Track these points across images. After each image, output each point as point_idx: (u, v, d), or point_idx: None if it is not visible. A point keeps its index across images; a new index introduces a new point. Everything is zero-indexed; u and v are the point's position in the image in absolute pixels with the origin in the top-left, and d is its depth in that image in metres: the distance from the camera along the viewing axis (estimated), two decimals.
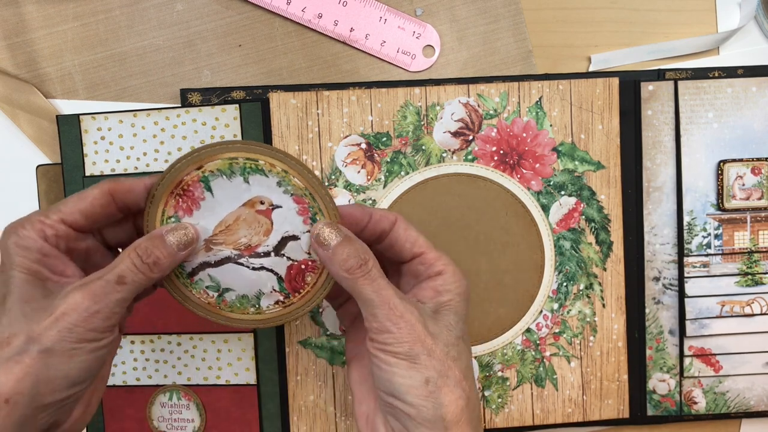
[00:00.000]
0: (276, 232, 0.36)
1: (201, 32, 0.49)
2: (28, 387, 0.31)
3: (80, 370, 0.32)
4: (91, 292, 0.32)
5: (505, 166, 0.48)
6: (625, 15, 0.51)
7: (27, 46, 0.49)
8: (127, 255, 0.33)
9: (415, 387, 0.33)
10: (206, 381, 0.49)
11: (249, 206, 0.36)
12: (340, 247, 0.34)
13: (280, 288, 0.37)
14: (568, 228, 0.49)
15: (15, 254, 0.33)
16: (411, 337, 0.33)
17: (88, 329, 0.32)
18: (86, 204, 0.34)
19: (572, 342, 0.49)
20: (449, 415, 0.33)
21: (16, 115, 0.49)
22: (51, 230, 0.34)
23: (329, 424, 0.49)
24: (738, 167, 0.49)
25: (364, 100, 0.48)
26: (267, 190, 0.36)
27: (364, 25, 0.49)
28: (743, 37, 0.51)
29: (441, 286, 0.36)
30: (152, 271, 0.33)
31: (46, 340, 0.31)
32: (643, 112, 0.49)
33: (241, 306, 0.37)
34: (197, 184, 0.36)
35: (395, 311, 0.34)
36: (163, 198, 0.36)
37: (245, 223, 0.36)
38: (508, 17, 0.50)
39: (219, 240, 0.36)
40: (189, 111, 0.47)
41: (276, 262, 0.37)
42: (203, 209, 0.36)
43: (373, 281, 0.34)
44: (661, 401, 0.50)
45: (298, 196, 0.36)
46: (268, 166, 0.35)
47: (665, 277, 0.50)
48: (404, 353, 0.33)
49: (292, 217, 0.36)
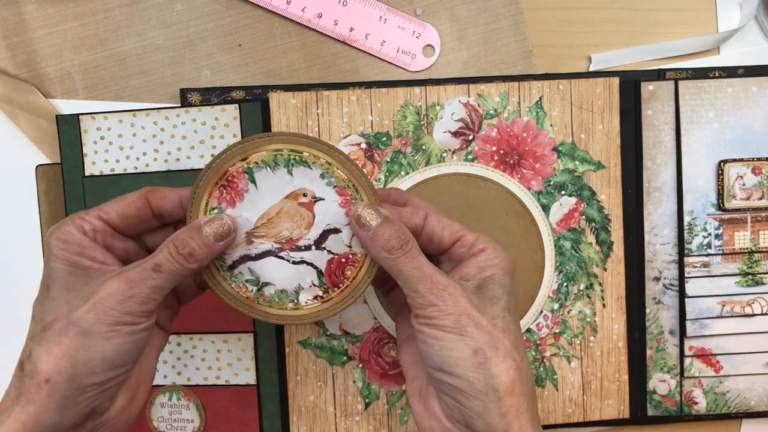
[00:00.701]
0: (317, 225, 0.36)
1: (201, 32, 0.49)
2: (67, 367, 0.32)
3: (117, 352, 0.33)
4: (128, 278, 0.33)
5: (506, 166, 0.48)
6: (625, 15, 0.51)
7: (27, 46, 0.49)
8: (165, 245, 0.34)
9: (464, 359, 0.33)
10: (206, 381, 0.49)
11: (292, 198, 0.36)
12: (381, 228, 0.35)
13: (319, 282, 0.37)
14: (568, 228, 0.49)
15: (56, 247, 0.34)
16: (456, 309, 0.33)
17: (124, 312, 0.33)
18: (123, 205, 0.36)
19: (572, 342, 0.49)
20: (502, 386, 0.33)
21: (15, 115, 0.49)
22: (89, 225, 0.35)
23: (329, 424, 0.49)
24: (738, 167, 0.49)
25: (364, 100, 0.48)
26: (310, 182, 0.36)
27: (364, 24, 0.49)
28: (743, 37, 0.51)
29: (483, 262, 0.36)
30: (188, 262, 0.34)
31: (84, 322, 0.32)
32: (643, 112, 0.49)
33: (279, 301, 0.37)
34: (242, 175, 0.36)
35: (438, 285, 0.34)
36: (208, 188, 0.36)
37: (287, 215, 0.36)
38: (508, 17, 0.50)
39: (260, 233, 0.36)
40: (189, 111, 0.47)
41: (317, 255, 0.37)
42: (246, 201, 0.36)
43: (413, 259, 0.34)
44: (661, 401, 0.50)
45: (342, 188, 0.36)
46: (312, 158, 0.36)
47: (666, 277, 0.49)
48: (451, 326, 0.33)
49: (335, 209, 0.36)
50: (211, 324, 0.48)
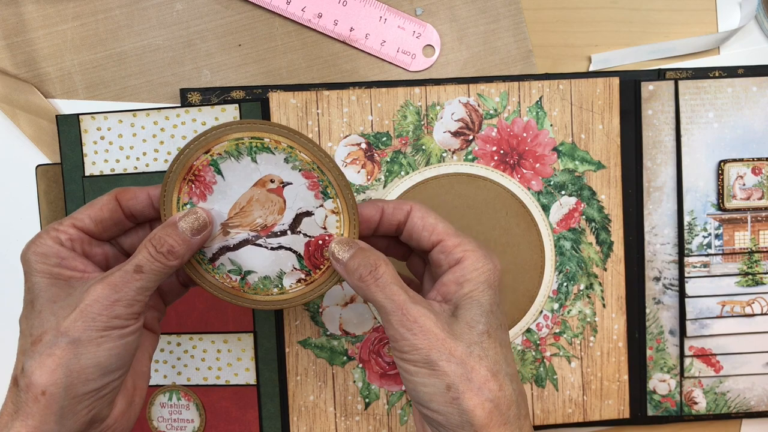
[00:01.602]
0: (290, 210, 0.36)
1: (201, 32, 0.49)
2: (61, 377, 0.32)
3: (110, 357, 0.33)
4: (111, 283, 0.33)
5: (506, 166, 0.48)
6: (625, 15, 0.51)
7: (27, 46, 0.49)
8: (144, 245, 0.34)
9: (438, 394, 0.33)
10: (206, 381, 0.49)
11: (260, 186, 0.36)
12: (352, 258, 0.35)
13: (300, 266, 0.37)
14: (568, 228, 0.49)
15: (35, 262, 0.34)
16: (426, 342, 0.32)
17: (112, 317, 0.33)
18: (95, 209, 0.36)
19: (572, 342, 0.49)
20: (477, 420, 0.32)
21: (15, 115, 0.49)
22: (64, 235, 0.35)
23: (329, 424, 0.49)
24: (738, 167, 0.49)
25: (364, 99, 0.48)
26: (276, 168, 0.36)
27: (364, 24, 0.49)
28: (744, 37, 0.51)
29: (461, 277, 0.35)
30: (168, 259, 0.34)
31: (74, 331, 0.32)
32: (643, 112, 0.49)
33: (264, 287, 0.37)
34: (207, 168, 0.36)
35: (408, 316, 0.33)
36: (177, 185, 0.36)
37: (258, 203, 0.36)
38: (508, 17, 0.50)
39: (235, 223, 0.36)
40: (189, 111, 0.47)
41: (293, 240, 0.37)
42: (216, 193, 0.36)
43: (384, 287, 0.33)
44: (661, 401, 0.50)
45: (307, 170, 0.36)
46: (274, 143, 0.35)
47: (666, 277, 0.49)
48: (422, 361, 0.33)
49: (304, 192, 0.36)
50: (211, 324, 0.48)
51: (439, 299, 0.35)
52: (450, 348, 0.33)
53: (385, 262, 0.34)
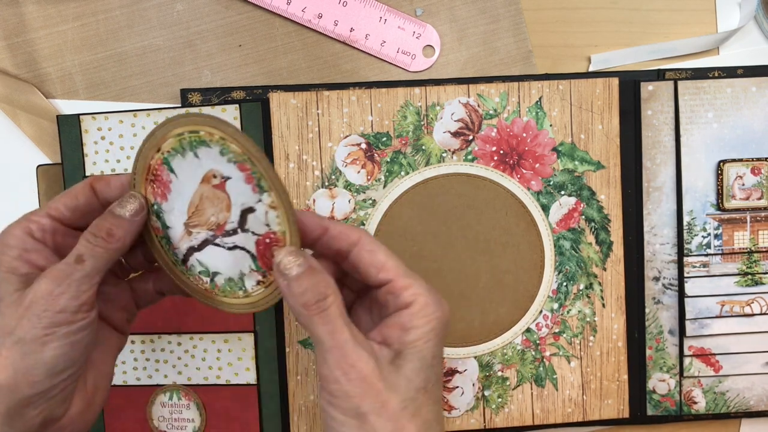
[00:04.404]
0: (235, 206, 0.33)
1: (201, 32, 0.49)
2: (6, 379, 0.31)
3: (56, 357, 0.32)
4: (54, 276, 0.32)
5: (505, 166, 0.48)
6: (625, 15, 0.51)
7: (27, 46, 0.49)
8: (83, 236, 0.33)
9: None
10: (206, 381, 0.49)
11: (206, 182, 0.34)
12: (299, 279, 0.31)
13: (256, 267, 0.34)
14: (568, 228, 0.49)
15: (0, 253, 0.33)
16: (360, 390, 0.30)
17: (57, 311, 0.32)
18: (70, 197, 0.35)
19: (572, 342, 0.49)
20: None
21: (16, 115, 0.49)
22: (35, 225, 0.34)
23: None
24: (738, 167, 0.49)
25: (364, 100, 0.48)
26: (215, 162, 0.33)
27: (364, 25, 0.49)
28: (743, 37, 0.51)
29: (408, 323, 0.32)
30: (108, 242, 0.33)
31: (19, 330, 0.31)
32: (643, 112, 0.49)
33: (231, 290, 0.35)
34: (162, 167, 0.34)
35: (347, 359, 0.30)
36: (141, 186, 0.35)
37: (208, 200, 0.34)
38: (508, 17, 0.50)
39: (194, 222, 0.35)
40: (189, 111, 0.47)
41: (244, 238, 0.34)
42: (174, 192, 0.34)
43: (328, 322, 0.31)
44: (661, 401, 0.50)
45: (240, 162, 0.32)
46: (208, 135, 0.32)
47: (665, 276, 0.50)
48: (352, 410, 0.30)
49: (242, 186, 0.33)
50: (212, 324, 0.49)
51: (379, 340, 0.33)
52: (383, 400, 0.31)
53: (335, 292, 0.32)
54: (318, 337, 0.31)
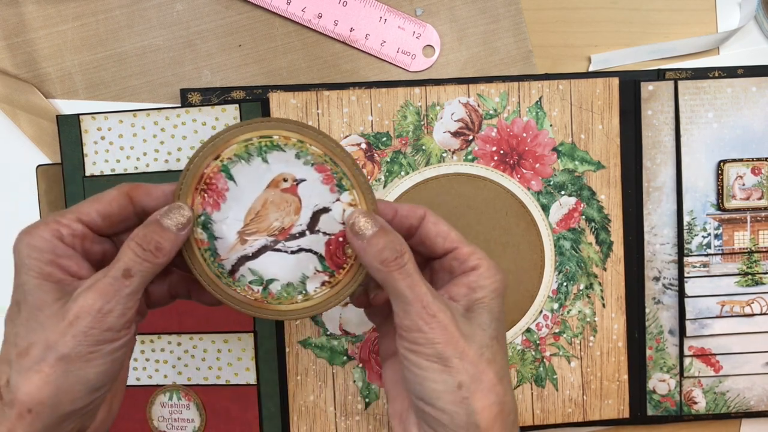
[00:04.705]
0: (306, 208, 0.34)
1: (201, 32, 0.49)
2: (50, 396, 0.30)
3: (98, 374, 0.31)
4: (101, 291, 0.31)
5: (505, 166, 0.48)
6: (625, 15, 0.51)
7: (27, 46, 0.49)
8: (128, 246, 0.32)
9: (447, 392, 0.32)
10: (206, 381, 0.49)
11: (273, 187, 0.34)
12: (375, 237, 0.33)
13: (323, 267, 0.35)
14: (568, 228, 0.49)
15: (27, 257, 0.31)
16: (443, 337, 0.32)
17: (104, 330, 0.31)
18: (103, 204, 0.33)
19: (572, 342, 0.49)
20: (483, 422, 0.32)
21: (16, 115, 0.49)
22: (66, 229, 0.32)
23: (329, 424, 0.49)
24: (738, 167, 0.49)
25: (364, 100, 0.48)
26: (287, 166, 0.34)
27: (364, 25, 0.49)
28: (743, 37, 0.51)
29: (474, 283, 0.34)
30: (156, 257, 0.32)
31: (63, 346, 0.30)
32: (643, 112, 0.49)
33: (288, 296, 0.35)
34: (219, 175, 0.34)
35: (428, 309, 0.32)
36: (189, 196, 0.34)
37: (273, 205, 0.34)
38: (508, 17, 0.50)
39: (252, 229, 0.35)
40: (189, 111, 0.47)
41: (313, 240, 0.35)
42: (230, 200, 0.34)
43: (407, 276, 0.32)
44: (661, 401, 0.50)
45: (319, 164, 0.34)
46: (283, 139, 0.34)
47: (665, 277, 0.50)
48: (435, 355, 0.32)
49: (318, 187, 0.34)
50: (211, 324, 0.49)
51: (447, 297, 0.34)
52: (463, 347, 0.32)
53: (409, 250, 0.33)
54: (399, 291, 0.32)
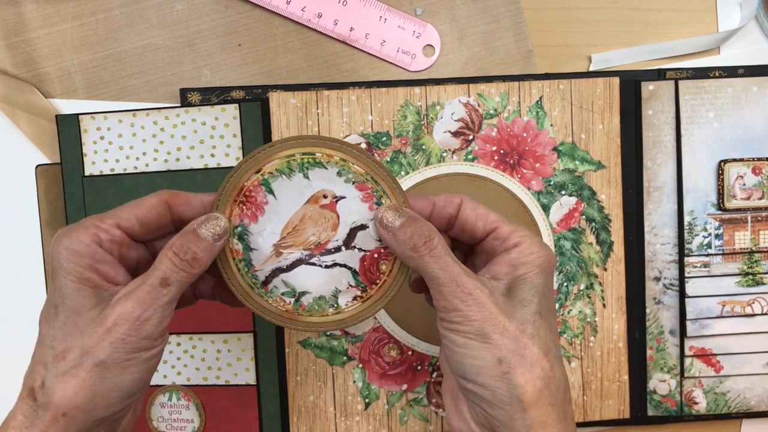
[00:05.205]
0: (344, 225, 0.35)
1: (200, 32, 0.49)
2: (84, 401, 0.31)
3: (133, 381, 0.32)
4: (139, 300, 0.31)
5: (506, 165, 0.48)
6: (625, 15, 0.51)
7: (26, 46, 0.49)
8: (165, 255, 0.32)
9: (488, 368, 0.32)
10: (206, 381, 0.49)
11: (313, 202, 0.35)
12: (403, 227, 0.33)
13: (356, 282, 0.36)
14: (568, 228, 0.49)
15: (66, 260, 0.32)
16: (481, 314, 0.32)
17: (142, 338, 0.31)
18: (143, 210, 0.34)
19: (573, 342, 0.49)
20: (527, 396, 0.31)
21: (15, 115, 0.49)
22: (106, 235, 0.33)
23: (329, 424, 0.48)
24: (739, 167, 0.49)
25: (364, 99, 0.47)
26: (328, 183, 0.35)
27: (363, 24, 0.49)
28: (744, 37, 0.51)
29: (516, 259, 0.34)
30: (192, 267, 0.32)
31: (100, 352, 0.31)
32: (643, 112, 0.49)
33: (319, 308, 0.36)
34: (258, 188, 0.35)
35: (463, 288, 0.32)
36: (228, 207, 0.35)
37: (311, 220, 0.35)
38: (508, 17, 0.50)
39: (288, 242, 0.35)
40: (188, 111, 0.47)
41: (348, 255, 0.36)
42: (268, 213, 0.35)
43: (438, 258, 0.32)
44: (661, 401, 0.50)
45: (360, 182, 0.35)
46: (326, 157, 0.35)
47: (666, 277, 0.49)
48: (474, 332, 0.32)
49: (358, 205, 0.35)
50: (211, 324, 0.48)
51: (488, 276, 0.34)
52: (503, 323, 0.32)
53: (438, 235, 0.33)
54: (432, 274, 0.33)
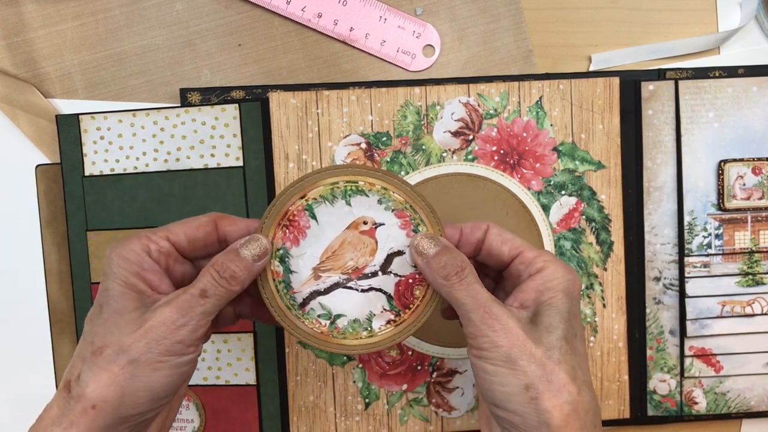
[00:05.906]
0: (381, 251, 0.37)
1: (200, 32, 0.49)
2: (114, 396, 0.32)
3: (163, 384, 0.33)
4: (179, 306, 0.33)
5: (506, 165, 0.48)
6: (625, 15, 0.51)
7: (26, 46, 0.49)
8: (207, 270, 0.34)
9: (516, 394, 0.32)
10: (206, 381, 0.49)
11: (353, 228, 0.37)
12: (438, 256, 0.35)
13: (390, 306, 0.37)
14: (568, 228, 0.49)
15: (117, 266, 0.34)
16: (508, 340, 0.33)
17: (175, 342, 0.33)
18: (192, 228, 0.36)
19: None
20: (554, 421, 0.32)
21: (15, 115, 0.49)
22: (155, 245, 0.35)
23: (329, 425, 0.48)
24: (739, 167, 0.49)
25: (364, 99, 0.47)
26: (368, 210, 0.37)
27: (363, 24, 0.49)
28: (744, 37, 0.51)
29: (541, 285, 0.35)
30: (230, 284, 0.34)
31: (135, 351, 0.32)
32: (643, 112, 0.49)
33: (353, 331, 0.37)
34: (302, 213, 0.37)
35: (490, 314, 0.33)
36: (271, 230, 0.36)
37: (351, 245, 0.37)
38: (508, 17, 0.50)
39: (327, 266, 0.37)
40: (188, 111, 0.47)
41: (384, 280, 0.37)
42: (309, 237, 0.37)
43: (468, 286, 0.34)
44: (661, 401, 0.50)
45: (400, 210, 0.37)
46: (368, 185, 0.37)
47: (666, 277, 0.49)
48: (501, 359, 0.33)
49: (396, 232, 0.37)
50: None
51: (516, 305, 0.35)
52: (530, 349, 0.33)
53: (470, 265, 0.35)
54: (461, 301, 0.34)
